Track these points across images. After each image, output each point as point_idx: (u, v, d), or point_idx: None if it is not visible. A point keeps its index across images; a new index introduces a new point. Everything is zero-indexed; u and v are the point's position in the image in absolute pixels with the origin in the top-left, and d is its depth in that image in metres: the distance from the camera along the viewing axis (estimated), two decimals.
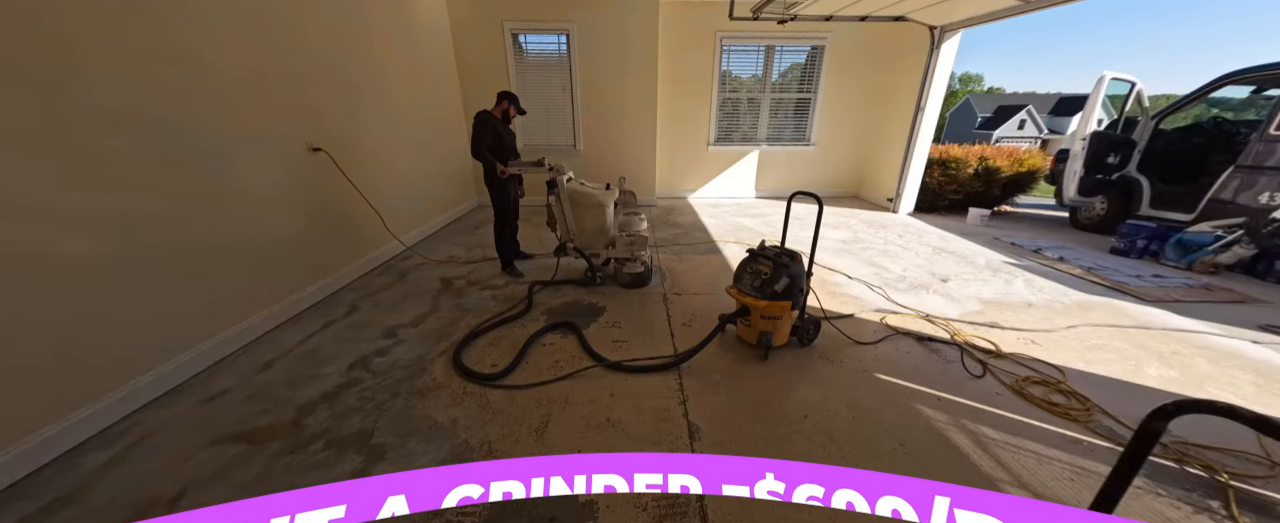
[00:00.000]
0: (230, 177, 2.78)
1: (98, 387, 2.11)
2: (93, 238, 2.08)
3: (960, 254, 4.83)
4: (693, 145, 7.45)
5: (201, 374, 2.54)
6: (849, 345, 2.93)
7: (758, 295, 2.62)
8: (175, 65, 2.44)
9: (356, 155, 3.93)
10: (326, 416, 2.23)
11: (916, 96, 6.18)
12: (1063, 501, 1.79)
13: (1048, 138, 38.84)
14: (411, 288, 3.82)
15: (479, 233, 5.53)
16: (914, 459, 1.99)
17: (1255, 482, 1.88)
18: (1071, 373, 2.65)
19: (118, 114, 2.17)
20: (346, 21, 3.88)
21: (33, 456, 1.86)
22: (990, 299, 3.68)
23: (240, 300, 2.84)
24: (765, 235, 5.43)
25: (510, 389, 2.45)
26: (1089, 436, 2.14)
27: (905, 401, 2.39)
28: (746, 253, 2.84)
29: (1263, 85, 5.59)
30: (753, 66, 7.21)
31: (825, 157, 7.63)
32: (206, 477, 1.86)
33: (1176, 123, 5.96)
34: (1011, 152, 7.50)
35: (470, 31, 6.13)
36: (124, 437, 2.07)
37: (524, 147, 6.90)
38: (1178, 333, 3.17)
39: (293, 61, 3.28)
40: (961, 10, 5.16)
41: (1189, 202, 5.27)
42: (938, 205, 7.04)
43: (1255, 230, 4.29)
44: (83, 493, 1.78)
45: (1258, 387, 2.56)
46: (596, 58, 6.34)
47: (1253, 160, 4.77)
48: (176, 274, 2.46)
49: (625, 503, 1.76)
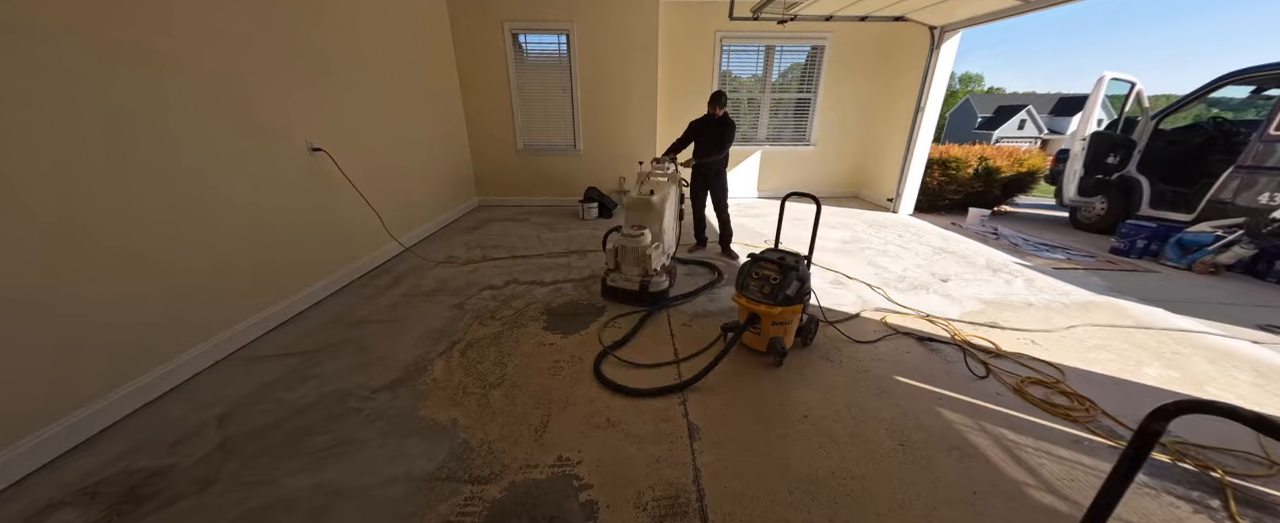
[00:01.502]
0: (230, 177, 2.78)
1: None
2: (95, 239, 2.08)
3: (960, 254, 4.83)
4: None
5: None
6: (849, 345, 2.93)
7: (770, 302, 2.54)
8: (173, 63, 2.44)
9: (356, 155, 3.93)
10: (323, 415, 2.24)
11: (916, 96, 6.18)
12: (1065, 500, 1.79)
13: (1048, 138, 38.82)
14: (408, 289, 3.82)
15: (479, 233, 5.53)
16: (914, 459, 1.99)
17: (1255, 482, 1.89)
18: (1071, 373, 2.65)
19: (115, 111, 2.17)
20: (346, 21, 3.88)
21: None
22: (990, 299, 3.68)
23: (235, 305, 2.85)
24: (765, 235, 5.43)
25: (511, 389, 2.45)
26: (1091, 435, 2.14)
27: (906, 400, 2.39)
28: (747, 257, 2.81)
29: (1263, 85, 5.59)
30: (753, 66, 7.21)
31: (825, 157, 7.62)
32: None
33: (1176, 123, 5.96)
34: (1011, 152, 7.50)
35: (470, 31, 6.13)
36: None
37: (523, 147, 6.96)
38: (1178, 333, 3.17)
39: (293, 61, 3.28)
40: (961, 10, 5.16)
41: (1189, 202, 5.27)
42: (938, 205, 7.04)
43: (1255, 230, 4.30)
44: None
45: (1257, 387, 2.56)
46: (596, 58, 6.33)
47: (1253, 160, 4.77)
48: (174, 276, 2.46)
49: (625, 503, 1.76)
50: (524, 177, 7.00)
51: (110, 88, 2.15)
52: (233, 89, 2.80)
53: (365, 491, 1.81)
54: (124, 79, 2.21)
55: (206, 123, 2.64)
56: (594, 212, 6.30)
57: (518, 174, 6.98)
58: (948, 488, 1.84)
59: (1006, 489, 1.84)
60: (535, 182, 7.03)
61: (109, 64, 2.14)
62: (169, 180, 2.42)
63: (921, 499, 1.79)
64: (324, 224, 3.58)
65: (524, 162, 6.93)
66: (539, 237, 5.33)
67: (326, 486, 1.83)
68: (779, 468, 1.94)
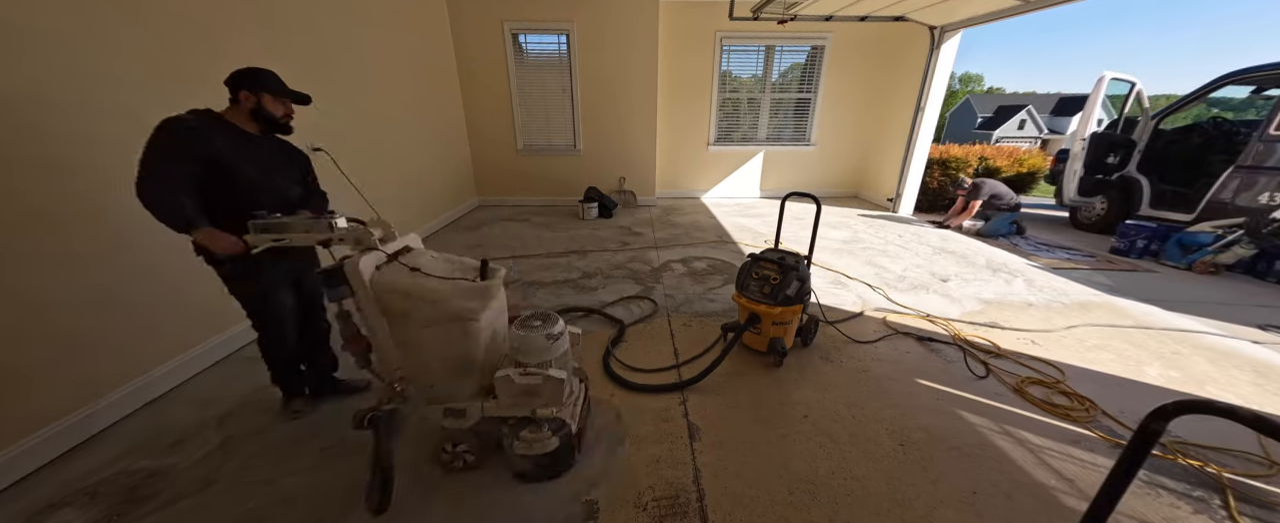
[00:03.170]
0: None
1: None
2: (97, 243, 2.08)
3: (960, 254, 4.83)
4: (693, 146, 7.45)
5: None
6: (849, 345, 2.93)
7: (770, 302, 2.54)
8: (172, 70, 2.44)
9: (356, 155, 3.93)
10: (323, 415, 2.23)
11: (916, 96, 6.18)
12: (1066, 499, 1.79)
13: (1048, 138, 38.84)
14: None
15: (478, 233, 5.53)
16: (914, 459, 1.99)
17: (1255, 481, 1.88)
18: (1071, 373, 2.65)
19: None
20: (347, 20, 3.88)
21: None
22: (990, 299, 3.68)
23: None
24: (765, 235, 5.43)
25: None
26: (1092, 435, 2.14)
27: (905, 400, 2.39)
28: (748, 257, 2.80)
29: (1263, 85, 5.60)
30: (753, 66, 7.21)
31: (825, 157, 7.62)
32: None
33: (1176, 123, 5.96)
34: (1011, 152, 7.52)
35: (470, 31, 6.13)
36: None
37: (523, 147, 6.96)
38: (1178, 333, 3.16)
39: (293, 60, 3.28)
40: (961, 10, 5.16)
41: (1189, 202, 5.27)
42: (938, 205, 7.04)
43: (1255, 230, 4.29)
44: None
45: (1258, 387, 2.56)
46: (596, 58, 6.33)
47: (1252, 160, 4.77)
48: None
49: (625, 503, 1.76)
50: (524, 176, 7.00)
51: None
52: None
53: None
54: (131, 76, 2.21)
55: None
56: (594, 212, 6.30)
57: (517, 174, 6.98)
58: (948, 488, 1.84)
59: (1006, 489, 1.84)
60: (535, 181, 7.03)
61: (100, 56, 2.15)
62: None
63: (921, 499, 1.79)
64: None
65: (524, 161, 6.93)
66: (538, 237, 5.33)
67: (327, 485, 1.83)
68: (779, 468, 1.94)
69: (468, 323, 1.64)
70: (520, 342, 1.69)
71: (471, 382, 1.75)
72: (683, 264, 4.44)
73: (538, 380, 1.66)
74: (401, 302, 1.59)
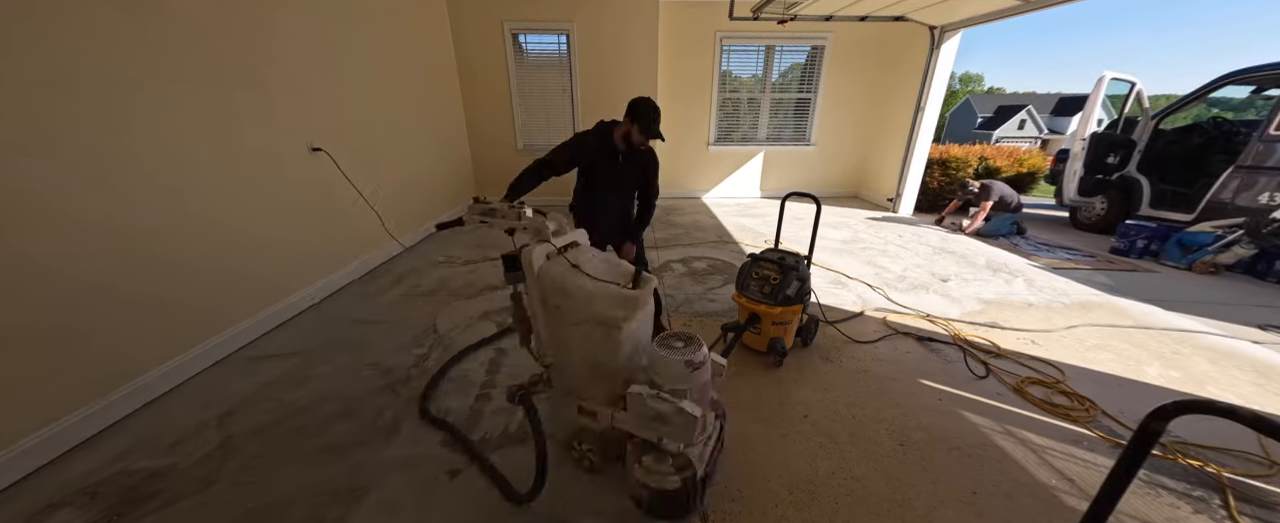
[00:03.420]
0: (230, 176, 2.78)
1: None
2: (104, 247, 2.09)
3: (960, 254, 4.83)
4: (693, 146, 7.45)
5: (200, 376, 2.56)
6: (849, 345, 2.93)
7: (770, 302, 2.54)
8: (171, 71, 2.44)
9: (356, 155, 3.93)
10: (324, 415, 2.24)
11: (916, 96, 6.18)
12: (1066, 499, 1.79)
13: (1048, 138, 38.85)
14: (408, 289, 3.82)
15: (479, 233, 5.52)
16: (914, 459, 1.99)
17: (1255, 481, 1.88)
18: (1071, 373, 2.65)
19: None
20: (347, 20, 3.87)
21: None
22: (990, 299, 3.68)
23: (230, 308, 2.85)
24: (765, 235, 5.43)
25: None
26: (1092, 435, 2.14)
27: (906, 400, 2.39)
28: (748, 257, 2.80)
29: (1263, 85, 5.60)
30: (753, 66, 7.20)
31: (825, 157, 7.62)
32: None
33: (1176, 123, 5.96)
34: (1011, 152, 7.51)
35: (470, 31, 6.12)
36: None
37: (523, 147, 6.94)
38: (1178, 333, 3.16)
39: (293, 60, 3.28)
40: (961, 10, 5.16)
41: (1189, 202, 5.27)
42: (938, 205, 7.04)
43: (1255, 230, 4.29)
44: None
45: (1258, 387, 2.56)
46: (596, 58, 6.33)
47: (1252, 160, 4.77)
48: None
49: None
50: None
51: (117, 86, 2.15)
52: (233, 88, 2.80)
53: (367, 489, 1.80)
54: (128, 75, 2.21)
55: (205, 122, 2.64)
56: None
57: (518, 174, 6.96)
58: (948, 488, 1.84)
59: (1006, 489, 1.84)
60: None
61: (112, 61, 2.15)
62: (169, 179, 2.42)
63: (921, 499, 1.79)
64: (324, 223, 3.58)
65: (524, 161, 6.75)
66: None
67: (327, 485, 1.83)
68: (779, 468, 1.93)
69: (611, 329, 1.60)
70: (656, 361, 1.55)
71: (605, 387, 1.70)
72: (683, 264, 4.44)
73: (669, 409, 1.49)
74: (558, 296, 1.64)
